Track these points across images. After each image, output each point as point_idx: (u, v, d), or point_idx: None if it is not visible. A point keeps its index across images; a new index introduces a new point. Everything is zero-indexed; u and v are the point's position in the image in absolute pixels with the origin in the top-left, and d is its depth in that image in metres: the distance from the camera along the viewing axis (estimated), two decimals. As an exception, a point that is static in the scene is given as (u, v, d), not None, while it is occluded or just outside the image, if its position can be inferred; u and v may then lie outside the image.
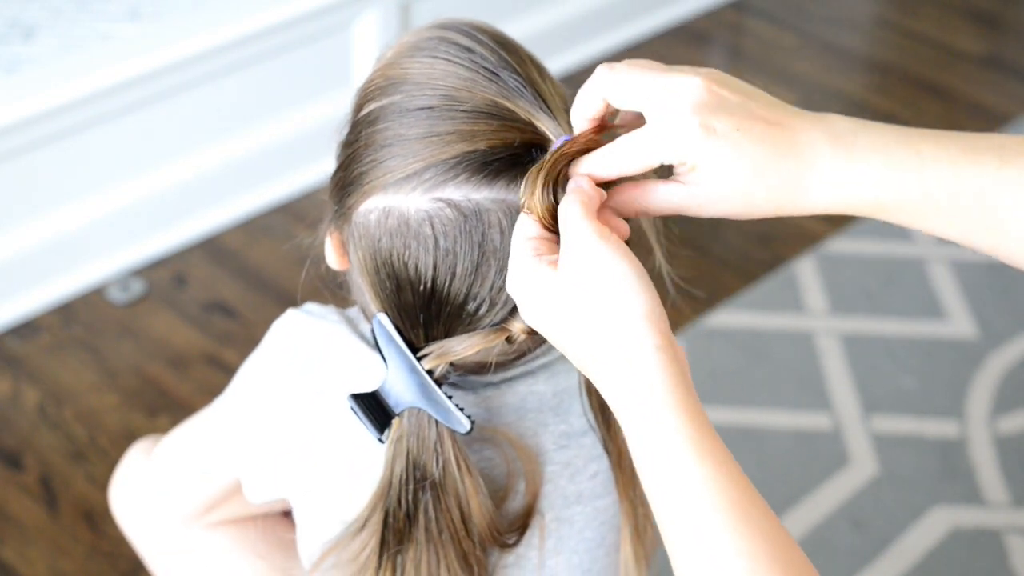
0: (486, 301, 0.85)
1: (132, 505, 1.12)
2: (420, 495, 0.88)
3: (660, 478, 0.72)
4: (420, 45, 0.87)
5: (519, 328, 0.85)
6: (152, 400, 2.10)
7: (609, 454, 0.95)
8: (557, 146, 0.81)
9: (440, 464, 0.87)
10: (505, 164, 0.83)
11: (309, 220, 1.01)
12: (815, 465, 2.02)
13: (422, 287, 0.85)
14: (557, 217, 0.78)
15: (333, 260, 0.93)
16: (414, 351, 0.87)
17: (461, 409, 0.86)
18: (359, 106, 0.89)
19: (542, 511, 0.94)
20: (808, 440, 2.06)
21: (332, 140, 0.93)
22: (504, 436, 0.92)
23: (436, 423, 0.87)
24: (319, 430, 0.92)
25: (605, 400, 0.77)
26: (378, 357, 0.90)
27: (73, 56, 2.16)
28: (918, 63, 3.07)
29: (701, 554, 0.69)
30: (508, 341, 0.86)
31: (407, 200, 0.83)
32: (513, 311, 0.85)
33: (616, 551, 0.99)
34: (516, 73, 0.85)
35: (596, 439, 0.95)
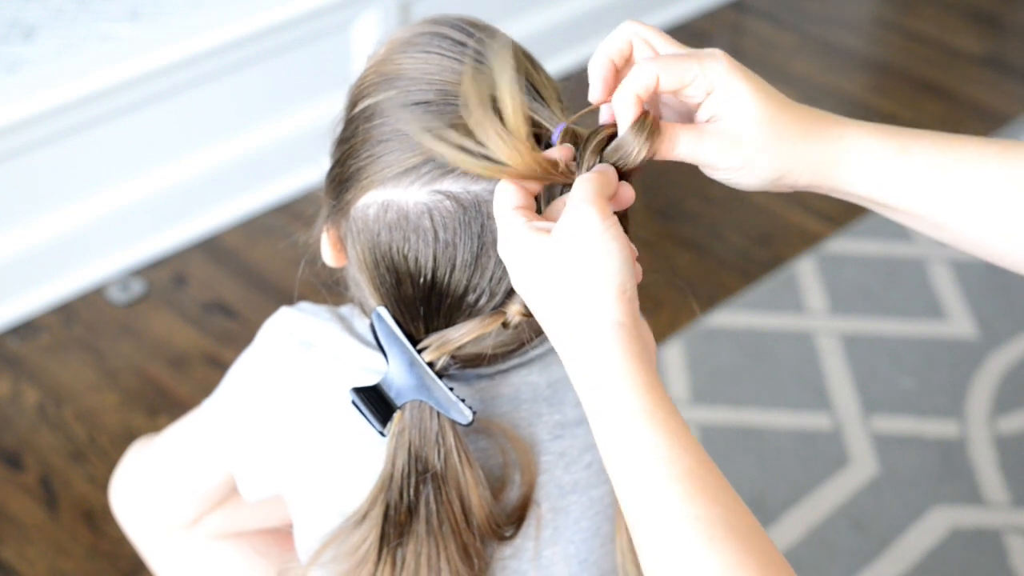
0: (486, 292, 0.85)
1: (132, 504, 1.12)
2: (422, 487, 0.88)
3: (615, 449, 0.73)
4: (412, 41, 0.88)
5: (515, 311, 0.85)
6: (152, 400, 2.09)
7: None
8: (558, 133, 0.82)
9: (442, 456, 0.88)
10: None
11: (307, 219, 1.02)
12: (815, 465, 2.02)
13: (422, 280, 0.85)
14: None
15: (329, 257, 0.93)
16: (414, 344, 0.87)
17: (462, 400, 0.86)
18: (353, 102, 0.90)
19: (538, 501, 0.95)
20: (808, 440, 2.06)
21: (328, 138, 0.93)
22: (499, 427, 0.93)
23: (438, 415, 0.87)
24: (313, 423, 0.92)
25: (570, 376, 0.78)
26: (372, 353, 0.90)
27: (73, 56, 2.16)
28: (918, 63, 3.07)
29: (658, 523, 0.70)
30: (504, 326, 0.86)
31: (406, 193, 0.84)
32: (509, 298, 0.86)
33: (611, 540, 0.99)
34: None
35: (590, 429, 0.95)
